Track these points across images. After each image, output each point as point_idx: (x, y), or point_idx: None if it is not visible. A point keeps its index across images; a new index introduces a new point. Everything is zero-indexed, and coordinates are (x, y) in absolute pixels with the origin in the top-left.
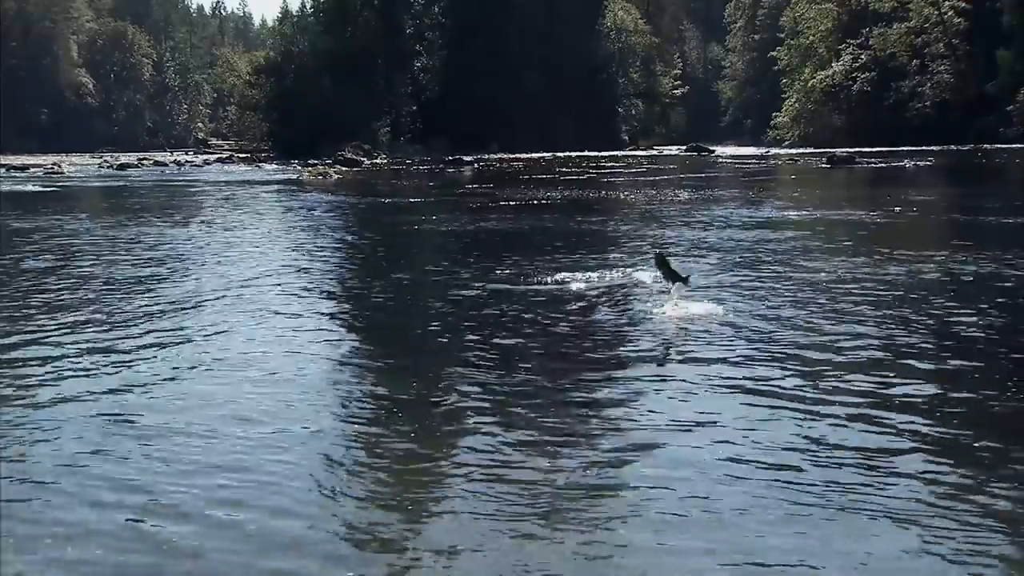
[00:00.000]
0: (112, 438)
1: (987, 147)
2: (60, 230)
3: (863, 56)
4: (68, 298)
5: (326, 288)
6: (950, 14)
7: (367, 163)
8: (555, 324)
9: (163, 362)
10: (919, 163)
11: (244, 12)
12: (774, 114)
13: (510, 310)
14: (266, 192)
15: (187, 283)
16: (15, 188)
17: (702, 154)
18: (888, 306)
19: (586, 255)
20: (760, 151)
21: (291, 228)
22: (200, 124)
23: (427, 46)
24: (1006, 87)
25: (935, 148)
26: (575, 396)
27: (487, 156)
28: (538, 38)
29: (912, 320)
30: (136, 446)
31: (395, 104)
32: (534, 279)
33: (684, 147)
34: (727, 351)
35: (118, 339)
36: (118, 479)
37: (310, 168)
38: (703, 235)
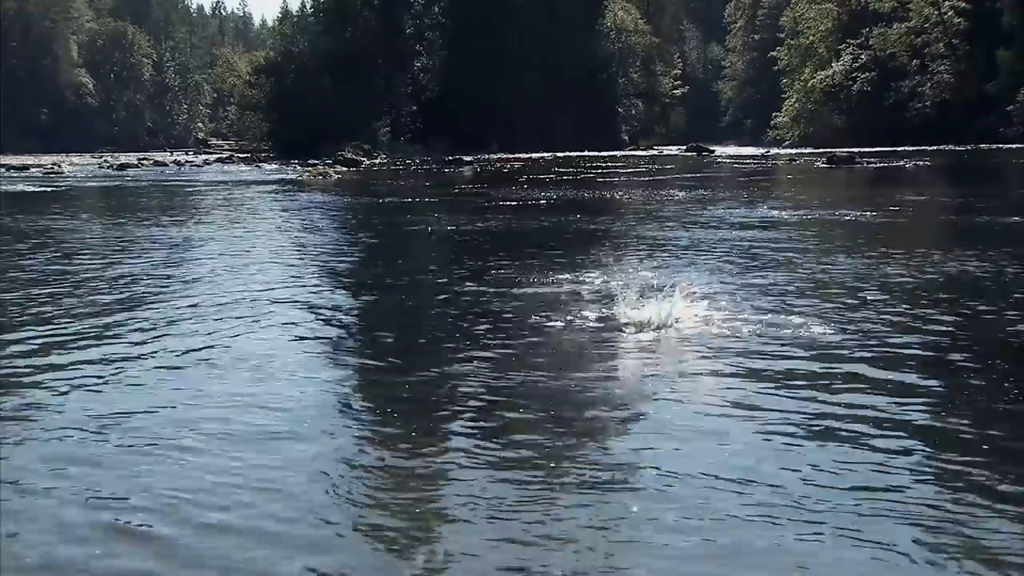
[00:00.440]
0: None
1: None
2: (59, 230)
3: (863, 56)
4: (64, 298)
5: (325, 288)
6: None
7: (367, 163)
8: (555, 326)
9: (159, 362)
10: (919, 163)
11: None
12: (774, 114)
13: (509, 311)
14: (266, 192)
15: (185, 283)
16: (14, 188)
17: (702, 154)
18: (887, 307)
19: (585, 255)
20: (760, 151)
21: (291, 228)
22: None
23: (427, 46)
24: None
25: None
26: (575, 399)
27: (487, 156)
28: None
29: (911, 321)
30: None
31: (395, 104)
32: (534, 280)
33: (684, 147)
34: (727, 353)
35: (113, 340)
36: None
37: (310, 168)
38: (702, 235)
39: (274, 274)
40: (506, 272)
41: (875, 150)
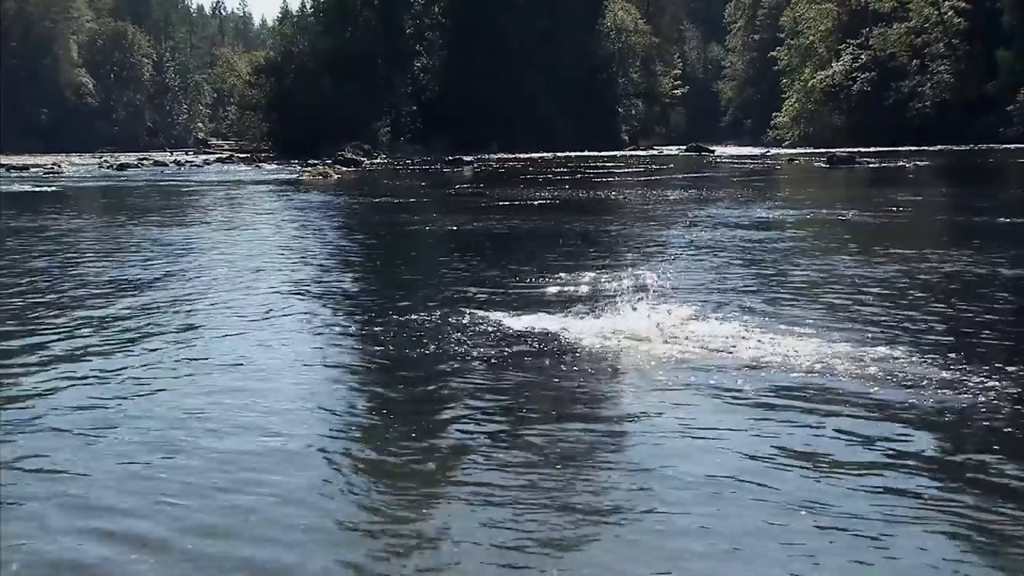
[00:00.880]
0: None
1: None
2: (59, 230)
3: (863, 56)
4: (63, 299)
5: (325, 289)
6: (950, 14)
7: (367, 163)
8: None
9: (157, 362)
10: (919, 163)
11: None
12: (774, 114)
13: (509, 311)
14: (266, 192)
15: (184, 284)
16: (14, 188)
17: (702, 154)
18: (885, 307)
19: (585, 255)
20: (760, 151)
21: (290, 228)
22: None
23: (427, 46)
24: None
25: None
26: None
27: (487, 156)
28: (538, 38)
29: (909, 321)
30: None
31: (395, 104)
32: (533, 280)
33: (684, 147)
34: (726, 354)
35: (110, 340)
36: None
37: (310, 168)
38: (700, 235)
39: (273, 274)
40: (506, 272)
41: (875, 150)
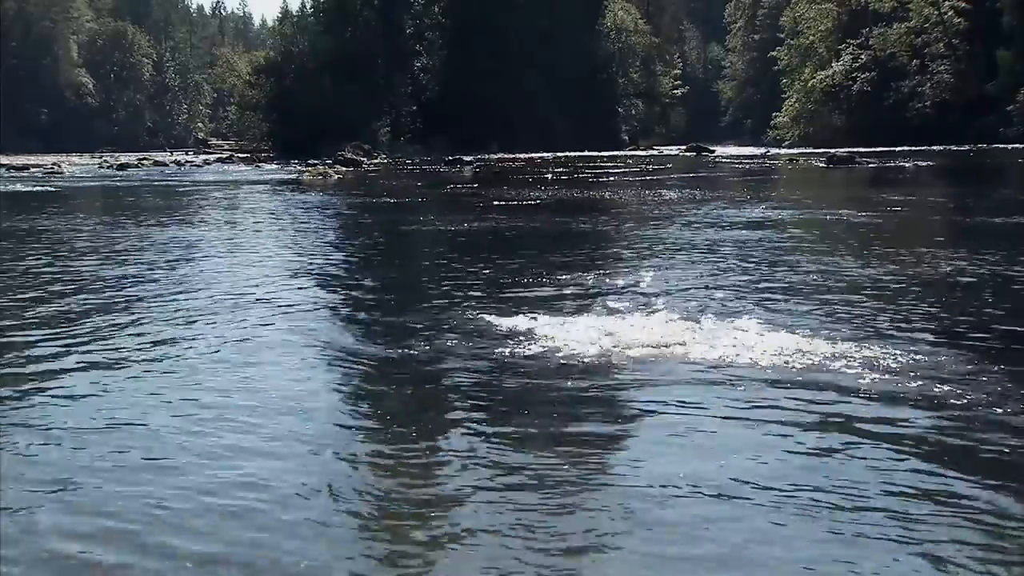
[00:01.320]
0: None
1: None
2: (59, 230)
3: (863, 56)
4: (63, 299)
5: (324, 289)
6: (950, 14)
7: (367, 163)
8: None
9: (154, 361)
10: (919, 163)
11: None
12: (774, 114)
13: (509, 312)
14: (266, 192)
15: (184, 284)
16: (14, 188)
17: (702, 154)
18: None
19: (584, 256)
20: (760, 151)
21: (290, 228)
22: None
23: (427, 46)
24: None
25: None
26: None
27: (487, 156)
28: (538, 38)
29: (908, 321)
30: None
31: (395, 104)
32: (533, 280)
33: (684, 147)
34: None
35: (106, 340)
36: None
37: (310, 168)
38: (698, 235)
39: (273, 274)
40: (506, 273)
41: (875, 150)
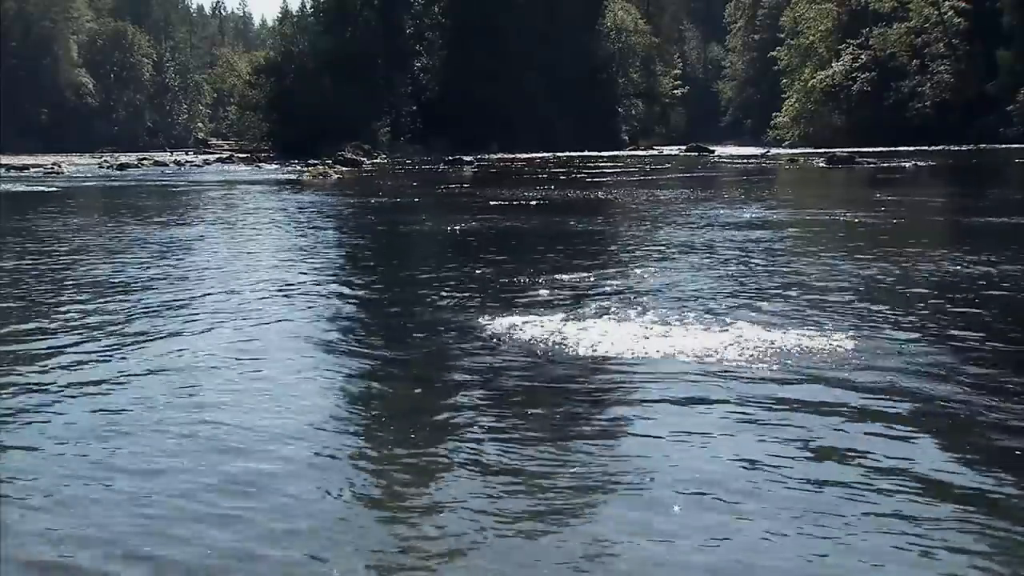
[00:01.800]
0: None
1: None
2: (59, 230)
3: (863, 56)
4: (62, 299)
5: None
6: (950, 14)
7: (367, 163)
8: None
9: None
10: (919, 163)
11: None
12: (774, 114)
13: (508, 312)
14: (266, 192)
15: (181, 284)
16: (14, 188)
17: (702, 154)
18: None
19: (583, 256)
20: (760, 151)
21: (290, 228)
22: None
23: (427, 46)
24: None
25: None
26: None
27: (487, 156)
28: (538, 38)
29: (908, 321)
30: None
31: (395, 104)
32: (532, 281)
33: (684, 147)
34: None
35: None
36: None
37: (310, 168)
38: (698, 236)
39: (272, 275)
40: (505, 273)
41: (875, 150)
